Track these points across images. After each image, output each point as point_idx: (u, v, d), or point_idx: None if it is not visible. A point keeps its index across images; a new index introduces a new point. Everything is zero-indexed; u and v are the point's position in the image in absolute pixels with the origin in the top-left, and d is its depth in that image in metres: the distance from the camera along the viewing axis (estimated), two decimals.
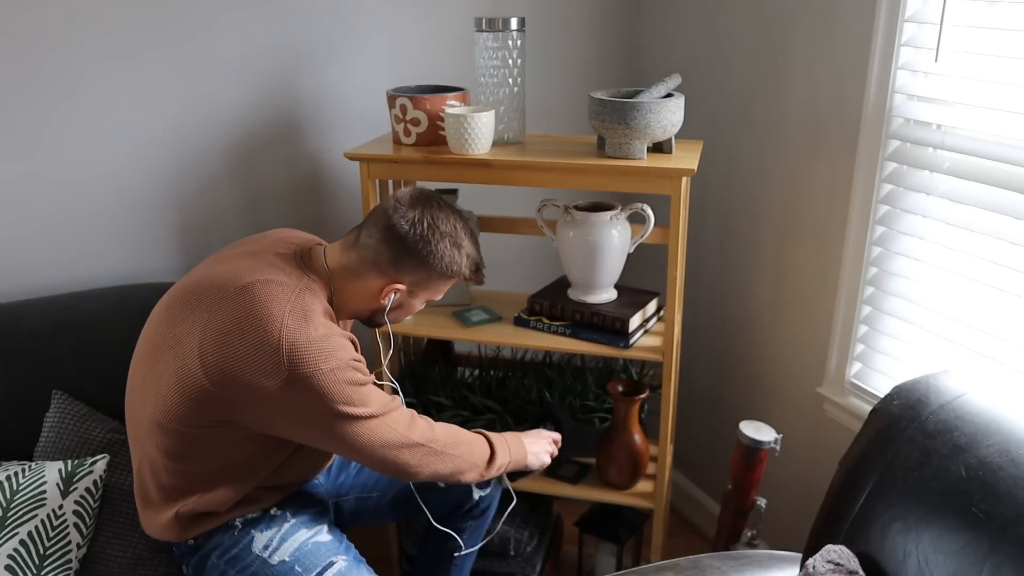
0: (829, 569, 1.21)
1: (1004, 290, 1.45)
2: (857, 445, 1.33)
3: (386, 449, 1.34)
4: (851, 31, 1.65)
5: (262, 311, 1.25)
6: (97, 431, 1.60)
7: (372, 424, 1.31)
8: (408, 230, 1.35)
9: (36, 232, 1.77)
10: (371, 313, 1.44)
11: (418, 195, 1.38)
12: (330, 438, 1.30)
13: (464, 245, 1.40)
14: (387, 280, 1.38)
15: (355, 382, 1.29)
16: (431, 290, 1.44)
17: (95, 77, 1.74)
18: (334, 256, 1.40)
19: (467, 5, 2.07)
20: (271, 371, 1.23)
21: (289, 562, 1.38)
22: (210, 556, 1.39)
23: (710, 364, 2.27)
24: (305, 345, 1.25)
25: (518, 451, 1.56)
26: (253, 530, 1.41)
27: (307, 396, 1.25)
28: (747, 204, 2.04)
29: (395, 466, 1.36)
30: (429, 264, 1.38)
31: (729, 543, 1.86)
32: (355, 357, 1.32)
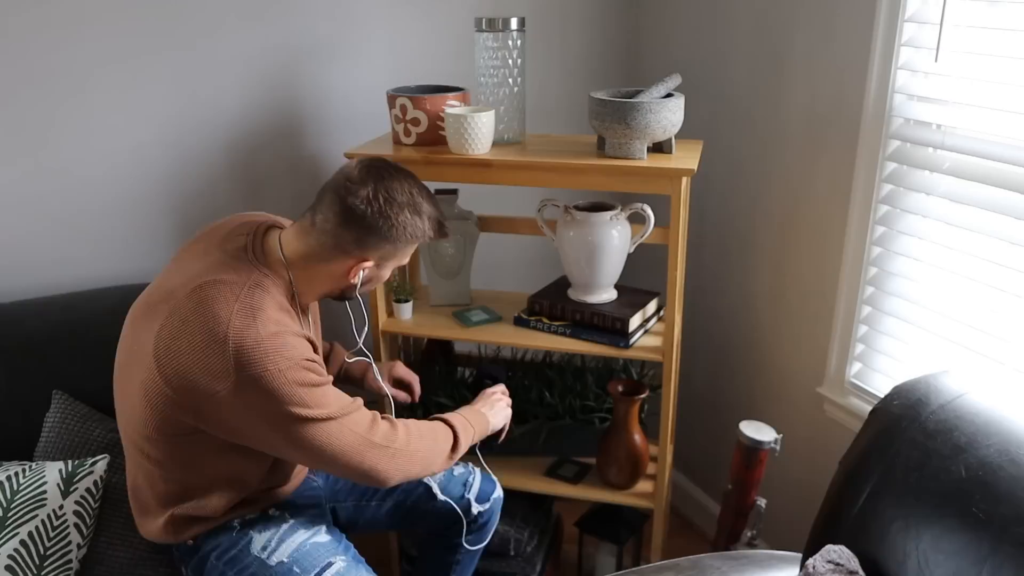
0: (829, 569, 1.21)
1: (1004, 290, 1.45)
2: (857, 445, 1.33)
3: (349, 454, 1.29)
4: (851, 31, 1.65)
5: (208, 313, 1.23)
6: (97, 431, 1.60)
7: (330, 427, 1.27)
8: (366, 209, 1.30)
9: (36, 232, 1.77)
10: (341, 291, 1.41)
11: (367, 168, 1.33)
12: (289, 443, 1.26)
13: (423, 208, 1.36)
14: (354, 260, 1.34)
15: (308, 383, 1.25)
16: (398, 258, 1.40)
17: (95, 78, 1.74)
18: (290, 244, 1.35)
19: (467, 5, 2.07)
20: (221, 374, 1.20)
21: (287, 563, 1.37)
22: (209, 557, 1.39)
23: (710, 364, 2.27)
24: (253, 345, 1.21)
25: (479, 422, 1.54)
26: (251, 531, 1.41)
27: (259, 398, 1.22)
28: (747, 204, 2.04)
29: (361, 471, 1.32)
30: (393, 237, 1.33)
31: (729, 543, 1.86)
32: (308, 357, 1.27)
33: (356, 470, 1.32)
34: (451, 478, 1.66)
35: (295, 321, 1.33)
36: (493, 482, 1.71)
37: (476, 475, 1.69)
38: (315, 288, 1.38)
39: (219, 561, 1.39)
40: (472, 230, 1.91)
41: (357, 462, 1.31)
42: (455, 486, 1.65)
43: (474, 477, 1.68)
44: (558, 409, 1.97)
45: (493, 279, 2.30)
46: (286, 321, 1.29)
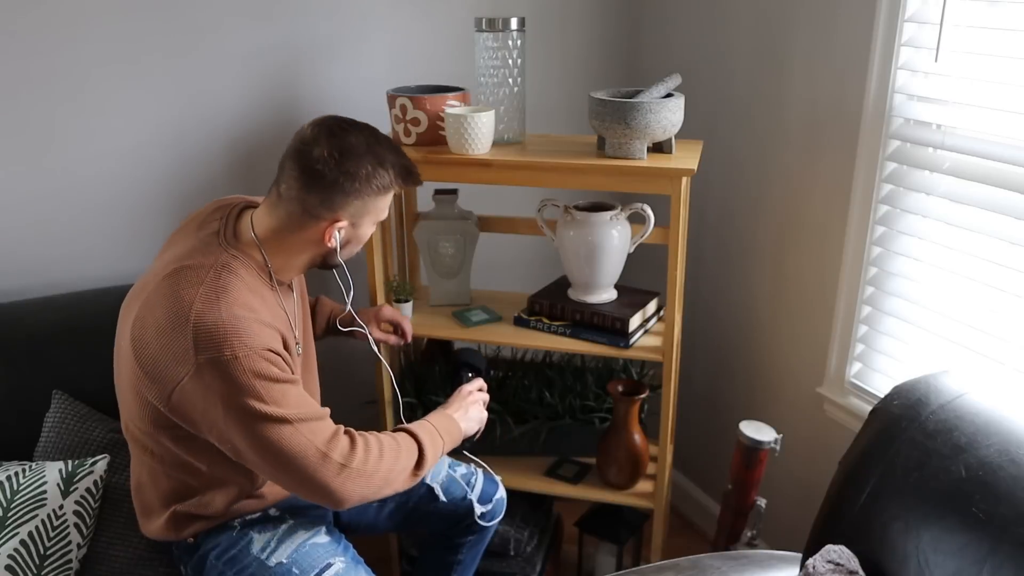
0: (829, 569, 1.21)
1: (1004, 290, 1.45)
2: (857, 445, 1.33)
3: (301, 463, 1.22)
4: (851, 31, 1.65)
5: (174, 297, 1.22)
6: (97, 431, 1.60)
7: (284, 429, 1.21)
8: (324, 168, 1.26)
9: (36, 232, 1.77)
10: (322, 258, 1.38)
11: (320, 126, 1.29)
12: (244, 439, 1.22)
13: (385, 157, 1.32)
14: (326, 223, 1.30)
15: (266, 375, 1.21)
16: (374, 212, 1.36)
17: (95, 78, 1.74)
18: (261, 221, 1.33)
19: (467, 5, 2.07)
20: (183, 357, 1.19)
21: (287, 564, 1.37)
22: (208, 556, 1.39)
23: (710, 364, 2.27)
24: (212, 327, 1.19)
25: (450, 430, 1.47)
26: (252, 531, 1.41)
27: (215, 383, 1.19)
28: (747, 204, 2.04)
29: (313, 486, 1.25)
30: (359, 191, 1.29)
31: (729, 543, 1.86)
32: (271, 347, 1.23)
33: (308, 484, 1.25)
34: (453, 479, 1.66)
35: (269, 304, 1.31)
36: (496, 483, 1.71)
37: (479, 476, 1.69)
38: (293, 261, 1.35)
39: (218, 561, 1.39)
40: (472, 230, 1.91)
41: (309, 475, 1.24)
42: (457, 487, 1.65)
43: (476, 478, 1.68)
44: (558, 409, 1.97)
45: (493, 279, 2.30)
46: (255, 305, 1.26)
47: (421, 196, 2.08)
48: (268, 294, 1.33)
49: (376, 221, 1.38)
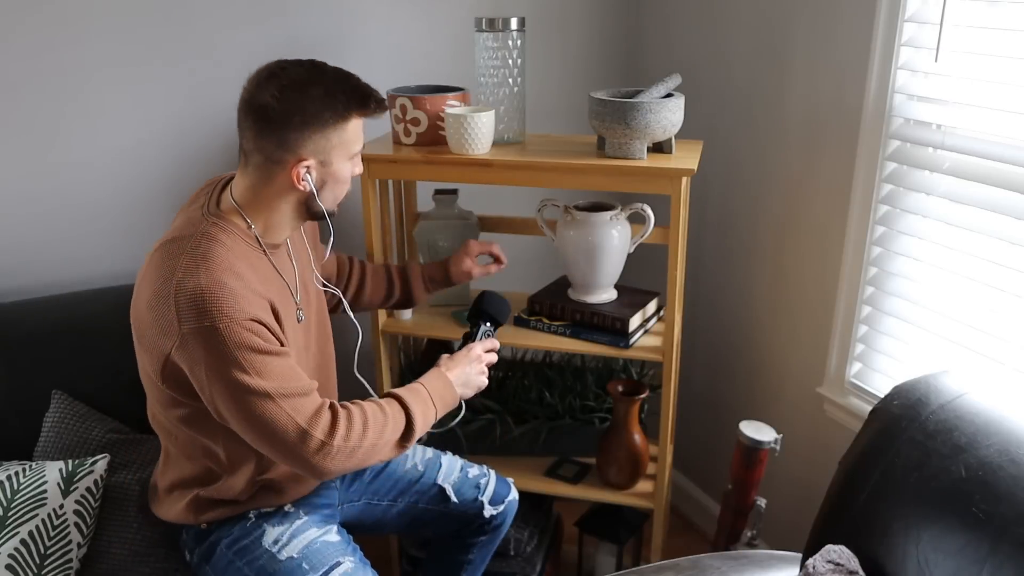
0: (829, 569, 1.21)
1: (1004, 290, 1.45)
2: (857, 445, 1.33)
3: (281, 437, 1.22)
4: (851, 31, 1.65)
5: (159, 270, 1.23)
6: (97, 431, 1.60)
7: (266, 403, 1.20)
8: (272, 110, 1.22)
9: (36, 232, 1.77)
10: (306, 208, 1.33)
11: (260, 71, 1.26)
12: (227, 407, 1.21)
13: (334, 83, 1.26)
14: (291, 165, 1.26)
15: (248, 345, 1.19)
16: (341, 145, 1.29)
17: (96, 78, 1.74)
18: (237, 186, 1.32)
19: (467, 5, 2.07)
20: (168, 328, 1.19)
21: (297, 559, 1.37)
22: (219, 544, 1.40)
23: (710, 364, 2.27)
24: (194, 297, 1.18)
25: (444, 398, 1.42)
26: (266, 524, 1.41)
27: (200, 353, 1.18)
28: (747, 204, 2.04)
29: (291, 459, 1.24)
30: (313, 124, 1.24)
31: (729, 543, 1.86)
32: (255, 317, 1.21)
33: (287, 457, 1.24)
34: (465, 480, 1.65)
35: (260, 270, 1.29)
36: (508, 485, 1.70)
37: (491, 477, 1.68)
38: (276, 218, 1.32)
39: (229, 550, 1.39)
40: (472, 230, 1.91)
41: (288, 449, 1.23)
42: (468, 488, 1.64)
43: (488, 480, 1.68)
44: (558, 409, 1.97)
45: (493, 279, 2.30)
46: (241, 271, 1.24)
47: (421, 196, 2.08)
48: (259, 260, 1.31)
49: (350, 156, 1.32)
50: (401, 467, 1.63)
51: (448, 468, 1.66)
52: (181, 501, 1.40)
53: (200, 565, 1.43)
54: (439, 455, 1.68)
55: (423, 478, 1.63)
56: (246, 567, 1.37)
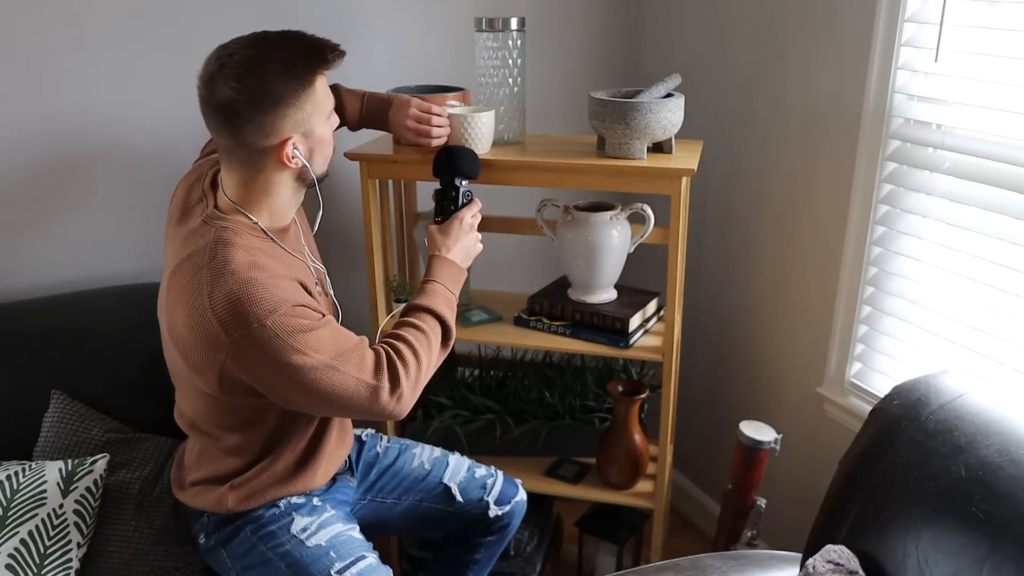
0: (829, 569, 1.21)
1: (1004, 290, 1.45)
2: (857, 445, 1.33)
3: (356, 400, 1.26)
4: (851, 31, 1.65)
5: (186, 292, 1.22)
6: (96, 430, 1.60)
7: (332, 375, 1.23)
8: (236, 103, 1.19)
9: (36, 232, 1.77)
10: (302, 181, 1.32)
11: (206, 69, 1.22)
12: (299, 393, 1.24)
13: (284, 50, 1.21)
14: (276, 148, 1.24)
15: (297, 328, 1.20)
16: (315, 110, 1.26)
17: (95, 78, 1.74)
18: (228, 184, 1.30)
19: (467, 5, 2.07)
20: (216, 342, 1.20)
21: (325, 547, 1.39)
22: (243, 529, 1.41)
23: (710, 364, 2.27)
24: (231, 304, 1.18)
25: (457, 279, 1.45)
26: (295, 513, 1.43)
27: (255, 355, 1.20)
28: (747, 204, 2.04)
29: (373, 414, 1.28)
30: (284, 100, 1.21)
31: (729, 543, 1.86)
32: (296, 301, 1.22)
33: (369, 414, 1.28)
34: (472, 480, 1.65)
35: (280, 257, 1.29)
36: (516, 485, 1.70)
37: (498, 478, 1.68)
38: (277, 203, 1.31)
39: (254, 535, 1.40)
40: None
41: (367, 407, 1.27)
42: (474, 488, 1.64)
43: (495, 480, 1.67)
44: (558, 409, 1.97)
45: (493, 279, 2.30)
46: (264, 263, 1.24)
47: (421, 196, 2.08)
48: (274, 249, 1.31)
49: (326, 114, 1.30)
50: (408, 465, 1.63)
51: (455, 468, 1.65)
52: (214, 491, 1.42)
53: (215, 548, 1.44)
54: (446, 454, 1.68)
55: (429, 476, 1.63)
56: (269, 551, 1.38)
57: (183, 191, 1.40)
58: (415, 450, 1.66)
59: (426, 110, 1.60)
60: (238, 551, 1.41)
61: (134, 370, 1.67)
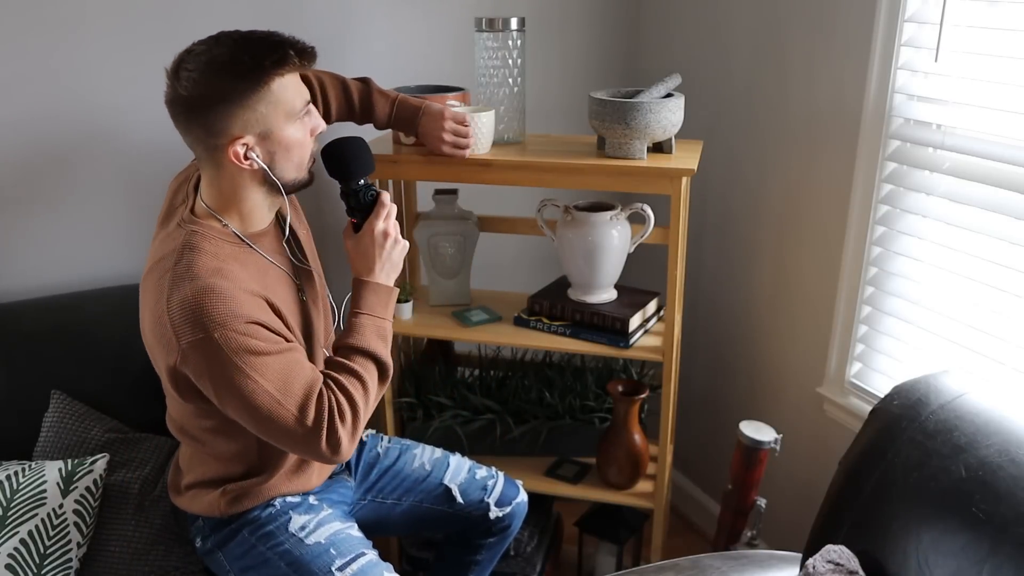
0: (829, 569, 1.21)
1: (1004, 290, 1.45)
2: (857, 445, 1.33)
3: (292, 434, 1.22)
4: (851, 31, 1.65)
5: (151, 292, 1.23)
6: (96, 430, 1.60)
7: (273, 406, 1.19)
8: (191, 99, 1.17)
9: (36, 232, 1.77)
10: (266, 186, 1.27)
11: (174, 65, 1.20)
12: (237, 413, 1.21)
13: (239, 47, 1.19)
14: (226, 149, 1.20)
15: (246, 349, 1.17)
16: (276, 111, 1.21)
17: (95, 78, 1.74)
18: (203, 187, 1.29)
19: (467, 5, 2.07)
20: (169, 345, 1.19)
21: (324, 544, 1.38)
22: (241, 531, 1.40)
23: (710, 364, 2.27)
24: (185, 311, 1.16)
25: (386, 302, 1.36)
26: (292, 512, 1.42)
27: (200, 365, 1.18)
28: (747, 204, 2.04)
29: (308, 454, 1.26)
30: (232, 99, 1.17)
31: (729, 543, 1.86)
32: (251, 318, 1.19)
33: (302, 453, 1.27)
34: (472, 481, 1.64)
35: (252, 266, 1.27)
36: (516, 487, 1.69)
37: (499, 479, 1.67)
38: (246, 207, 1.28)
39: (252, 536, 1.40)
40: (472, 230, 1.91)
41: (301, 446, 1.24)
42: (475, 489, 1.63)
43: (496, 481, 1.67)
44: (558, 409, 1.97)
45: (493, 279, 2.30)
46: (232, 273, 1.21)
47: (421, 196, 2.08)
48: (248, 256, 1.28)
49: (290, 115, 1.23)
50: (408, 466, 1.63)
51: (456, 469, 1.65)
52: (208, 495, 1.41)
53: (212, 551, 1.43)
54: (447, 455, 1.67)
55: (430, 478, 1.62)
56: (268, 551, 1.38)
57: (171, 191, 1.40)
58: (416, 451, 1.66)
59: (461, 121, 1.61)
60: (236, 552, 1.40)
61: (134, 370, 1.67)
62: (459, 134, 1.61)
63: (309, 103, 1.28)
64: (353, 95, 1.61)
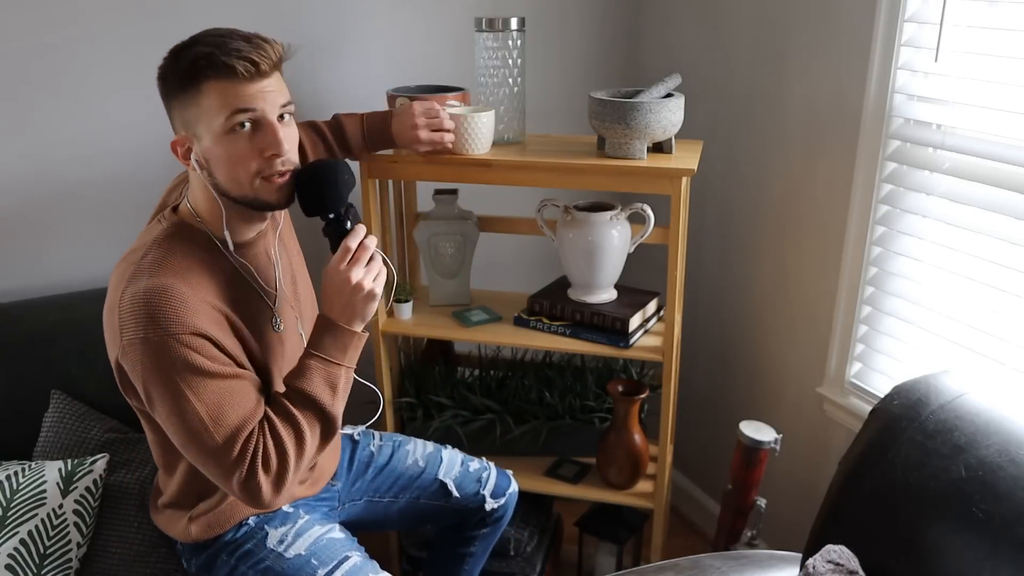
0: (829, 569, 1.21)
1: (1004, 290, 1.45)
2: (857, 445, 1.33)
3: (215, 463, 1.15)
4: (851, 31, 1.65)
5: (113, 283, 1.19)
6: (96, 430, 1.60)
7: (200, 430, 1.12)
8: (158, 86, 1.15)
9: (37, 232, 1.77)
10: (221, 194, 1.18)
11: None
12: (165, 423, 1.15)
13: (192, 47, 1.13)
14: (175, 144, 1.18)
15: (186, 362, 1.10)
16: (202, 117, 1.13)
17: (95, 77, 1.74)
18: (190, 190, 1.25)
19: (467, 5, 2.07)
20: (113, 339, 1.15)
21: (305, 555, 1.35)
22: (220, 554, 1.38)
23: (710, 364, 2.27)
24: (135, 307, 1.11)
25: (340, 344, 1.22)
26: (267, 526, 1.39)
27: (137, 367, 1.12)
28: (747, 204, 2.04)
29: (227, 487, 1.17)
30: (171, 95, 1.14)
31: (729, 543, 1.86)
32: (198, 330, 1.11)
33: (221, 483, 1.18)
34: (466, 474, 1.66)
35: (220, 276, 1.21)
36: (508, 477, 1.71)
37: (492, 470, 1.69)
38: (216, 209, 1.21)
39: (231, 557, 1.37)
40: (472, 230, 1.91)
41: (221, 477, 1.16)
42: (470, 482, 1.65)
43: (489, 473, 1.68)
44: (558, 409, 1.97)
45: (493, 279, 2.30)
46: (195, 279, 1.16)
47: (421, 196, 2.08)
48: (220, 264, 1.22)
49: (214, 128, 1.14)
50: (402, 463, 1.63)
51: (449, 463, 1.66)
52: (179, 521, 1.38)
53: (200, 574, 1.42)
54: (439, 449, 1.68)
55: (424, 474, 1.63)
56: (251, 571, 1.35)
57: (169, 188, 1.39)
58: (408, 447, 1.66)
59: (431, 110, 1.58)
60: (221, 575, 1.39)
61: None
62: (432, 116, 1.56)
63: (255, 119, 1.15)
64: (323, 129, 1.60)
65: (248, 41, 1.14)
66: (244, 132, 1.15)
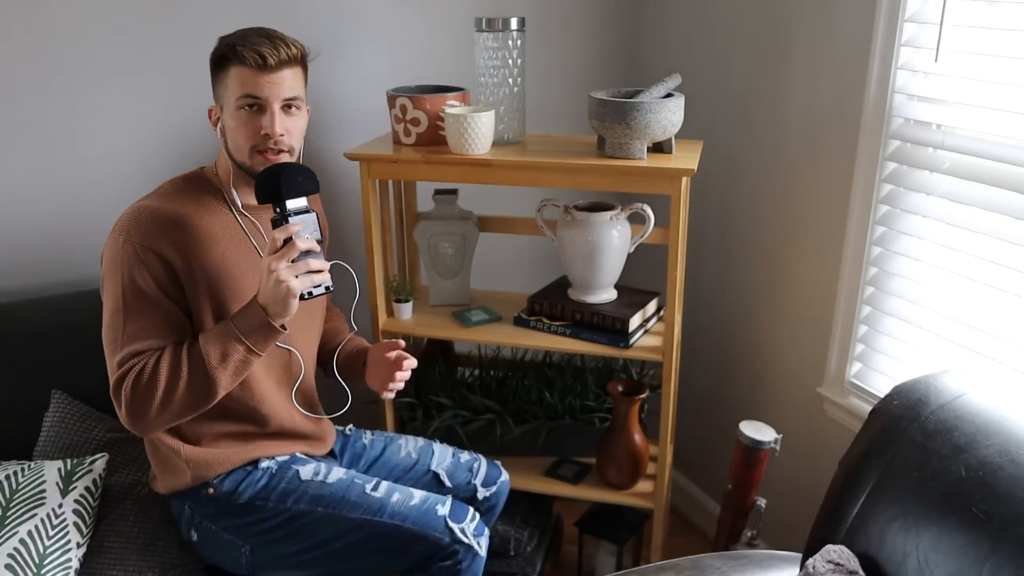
0: (829, 569, 1.21)
1: (1004, 290, 1.45)
2: (857, 445, 1.33)
3: (110, 370, 1.33)
4: (851, 31, 1.65)
5: None
6: (96, 430, 1.60)
7: (113, 339, 1.32)
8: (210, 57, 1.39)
9: (37, 232, 1.77)
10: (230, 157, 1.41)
11: None
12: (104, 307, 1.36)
13: (232, 35, 1.37)
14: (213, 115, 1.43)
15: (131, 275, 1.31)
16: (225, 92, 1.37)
17: (95, 77, 1.74)
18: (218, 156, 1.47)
19: (467, 5, 2.07)
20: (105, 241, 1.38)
21: (346, 479, 1.47)
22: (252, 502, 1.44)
23: (710, 364, 2.27)
24: (124, 214, 1.35)
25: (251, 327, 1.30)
26: (294, 465, 1.49)
27: (103, 262, 1.36)
28: (747, 204, 2.04)
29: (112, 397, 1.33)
30: (212, 69, 1.39)
31: (729, 543, 1.86)
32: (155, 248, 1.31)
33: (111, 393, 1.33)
34: (457, 464, 1.69)
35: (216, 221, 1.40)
36: (498, 467, 1.74)
37: (482, 461, 1.72)
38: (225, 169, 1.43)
39: (268, 500, 1.43)
40: (472, 230, 1.91)
41: (111, 386, 1.33)
42: (461, 472, 1.68)
43: (480, 463, 1.71)
44: (558, 409, 1.97)
45: (493, 279, 2.30)
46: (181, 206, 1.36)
47: (421, 196, 2.08)
48: (225, 217, 1.42)
49: (232, 106, 1.36)
50: (395, 456, 1.68)
51: (440, 455, 1.70)
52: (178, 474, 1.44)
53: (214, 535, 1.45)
54: (430, 443, 1.73)
55: (417, 465, 1.67)
56: (298, 504, 1.42)
57: None
58: (400, 441, 1.71)
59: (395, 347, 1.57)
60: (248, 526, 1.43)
61: None
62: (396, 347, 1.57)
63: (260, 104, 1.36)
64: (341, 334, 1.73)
65: (268, 38, 1.35)
66: (250, 112, 1.36)
